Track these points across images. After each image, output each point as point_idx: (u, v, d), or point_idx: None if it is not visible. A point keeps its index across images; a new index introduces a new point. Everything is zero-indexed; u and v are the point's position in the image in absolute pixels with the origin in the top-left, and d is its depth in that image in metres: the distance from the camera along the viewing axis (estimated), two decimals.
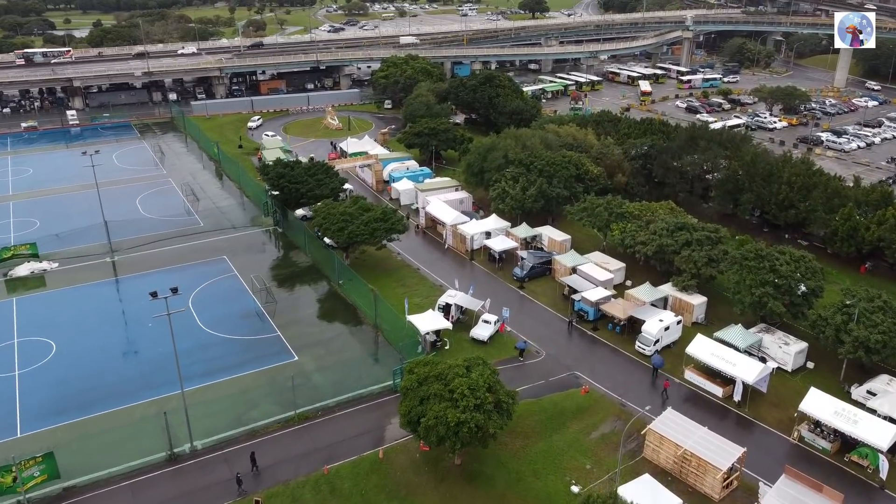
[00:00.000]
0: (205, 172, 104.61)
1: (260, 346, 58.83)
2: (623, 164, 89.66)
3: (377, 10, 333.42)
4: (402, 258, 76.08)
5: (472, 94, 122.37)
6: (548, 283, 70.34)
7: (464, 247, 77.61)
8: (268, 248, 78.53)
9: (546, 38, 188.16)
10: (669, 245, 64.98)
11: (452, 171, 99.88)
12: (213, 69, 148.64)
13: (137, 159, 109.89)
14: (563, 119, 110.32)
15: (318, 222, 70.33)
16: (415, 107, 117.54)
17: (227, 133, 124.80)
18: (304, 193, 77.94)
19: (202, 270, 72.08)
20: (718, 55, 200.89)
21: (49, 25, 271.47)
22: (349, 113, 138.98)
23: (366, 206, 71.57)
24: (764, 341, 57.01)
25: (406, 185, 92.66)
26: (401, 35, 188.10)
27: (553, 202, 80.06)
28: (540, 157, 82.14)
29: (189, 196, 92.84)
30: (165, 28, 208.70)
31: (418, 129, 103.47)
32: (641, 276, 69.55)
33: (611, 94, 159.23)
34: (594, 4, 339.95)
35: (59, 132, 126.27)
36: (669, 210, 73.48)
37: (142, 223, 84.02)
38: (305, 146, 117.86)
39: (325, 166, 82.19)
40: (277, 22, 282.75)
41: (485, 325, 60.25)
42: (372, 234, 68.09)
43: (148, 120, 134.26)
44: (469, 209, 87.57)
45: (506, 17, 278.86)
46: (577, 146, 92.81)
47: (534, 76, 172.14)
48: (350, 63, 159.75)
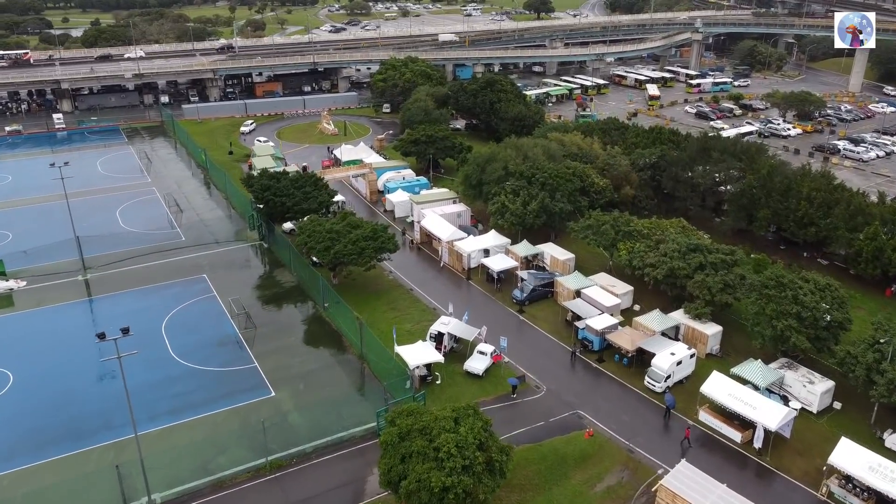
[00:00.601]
0: (192, 181, 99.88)
1: (235, 379, 53.94)
2: (631, 175, 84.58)
3: (380, 10, 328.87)
4: (394, 277, 71.20)
5: (473, 99, 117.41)
6: (549, 307, 65.35)
7: (460, 265, 72.70)
8: (251, 266, 73.69)
9: (551, 40, 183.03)
10: (681, 269, 59.90)
11: (451, 181, 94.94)
12: (207, 71, 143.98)
13: (122, 166, 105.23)
14: (568, 126, 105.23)
15: (302, 240, 65.44)
16: (412, 112, 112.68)
17: (219, 138, 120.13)
18: (291, 207, 73.07)
19: (179, 291, 67.28)
20: (728, 58, 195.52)
21: (46, 24, 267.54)
22: (346, 117, 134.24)
23: (354, 222, 66.67)
24: (786, 378, 51.94)
25: (401, 196, 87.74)
26: (440, 33, 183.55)
27: (556, 218, 75.08)
28: (542, 169, 77.16)
29: (172, 207, 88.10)
30: (161, 28, 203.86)
31: (415, 137, 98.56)
32: (650, 301, 64.56)
33: (617, 98, 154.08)
34: (600, 5, 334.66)
35: (45, 136, 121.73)
36: (681, 228, 68.36)
37: (120, 237, 79.20)
38: (299, 153, 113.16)
39: (313, 178, 77.29)
40: (278, 21, 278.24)
41: (480, 357, 55.27)
42: (360, 254, 63.17)
43: (137, 124, 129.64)
44: (467, 223, 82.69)
45: (510, 18, 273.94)
46: (582, 156, 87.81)
47: (538, 79, 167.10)
48: (348, 65, 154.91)
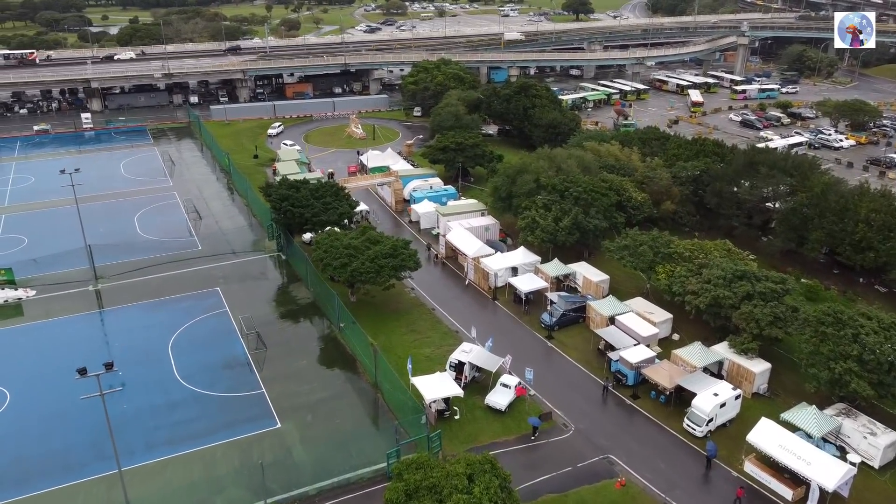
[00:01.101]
0: (214, 186, 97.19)
1: (240, 406, 50.47)
2: (672, 189, 79.42)
3: (416, 10, 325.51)
4: (415, 295, 67.24)
5: (506, 105, 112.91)
6: (581, 334, 60.71)
7: (486, 284, 68.45)
8: (267, 279, 70.34)
9: (589, 43, 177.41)
10: (726, 298, 54.78)
11: (480, 192, 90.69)
12: (237, 71, 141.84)
13: (145, 168, 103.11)
14: (605, 135, 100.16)
15: (318, 255, 61.80)
16: (442, 117, 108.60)
17: (245, 141, 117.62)
18: (309, 219, 69.58)
19: (191, 305, 64.19)
20: (775, 63, 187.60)
21: (85, 22, 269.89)
22: (376, 121, 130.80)
23: (374, 237, 62.84)
24: (844, 427, 46.65)
25: (427, 206, 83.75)
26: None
27: (590, 235, 70.36)
28: (576, 183, 72.48)
29: (191, 213, 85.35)
30: (195, 27, 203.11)
31: (444, 144, 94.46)
32: (691, 330, 59.56)
33: (657, 103, 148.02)
34: (641, 6, 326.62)
35: (72, 136, 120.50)
36: (726, 252, 63.10)
37: (135, 245, 76.51)
38: (325, 157, 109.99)
39: (333, 188, 73.69)
40: (314, 21, 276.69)
41: (503, 391, 50.95)
42: (378, 273, 59.28)
43: (164, 124, 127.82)
44: (496, 237, 78.40)
45: (548, 19, 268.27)
46: (620, 168, 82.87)
47: (575, 83, 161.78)
48: (380, 66, 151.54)
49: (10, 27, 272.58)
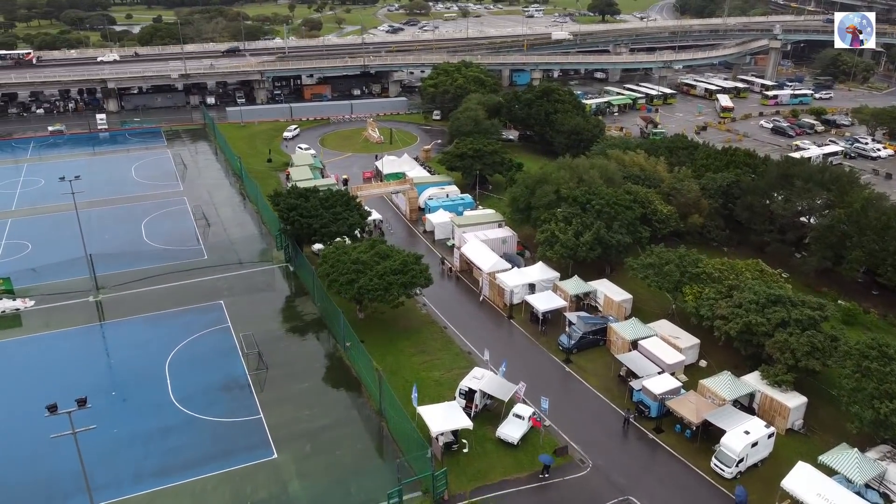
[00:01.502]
0: (225, 191, 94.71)
1: (236, 433, 47.57)
2: (700, 202, 75.36)
3: (440, 10, 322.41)
4: (427, 311, 64.04)
5: (527, 110, 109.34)
6: (601, 357, 57.06)
7: (502, 301, 65.02)
8: (273, 292, 67.50)
9: (615, 45, 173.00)
10: (759, 325, 50.83)
11: (498, 201, 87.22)
12: (254, 72, 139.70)
13: (157, 171, 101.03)
14: (630, 142, 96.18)
15: (324, 270, 58.78)
16: (461, 122, 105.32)
17: (259, 143, 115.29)
18: (318, 230, 66.64)
19: (192, 319, 61.54)
20: (808, 67, 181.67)
21: (109, 21, 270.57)
22: (394, 124, 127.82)
23: (384, 251, 59.67)
24: (889, 473, 42.57)
25: (442, 216, 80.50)
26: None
27: (612, 250, 66.63)
28: (599, 195, 68.76)
29: (200, 220, 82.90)
30: (216, 27, 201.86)
31: (461, 150, 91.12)
32: (720, 357, 55.66)
33: (685, 108, 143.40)
34: (669, 7, 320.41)
35: (86, 137, 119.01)
36: (758, 273, 59.02)
37: (139, 254, 74.15)
38: (341, 162, 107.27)
39: (344, 197, 70.70)
40: (336, 21, 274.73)
41: (516, 422, 47.51)
42: (386, 290, 56.11)
43: (179, 126, 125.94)
44: (513, 250, 74.97)
45: (573, 20, 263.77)
46: (645, 179, 78.97)
47: (599, 86, 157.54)
48: (399, 68, 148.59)
49: (36, 25, 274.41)
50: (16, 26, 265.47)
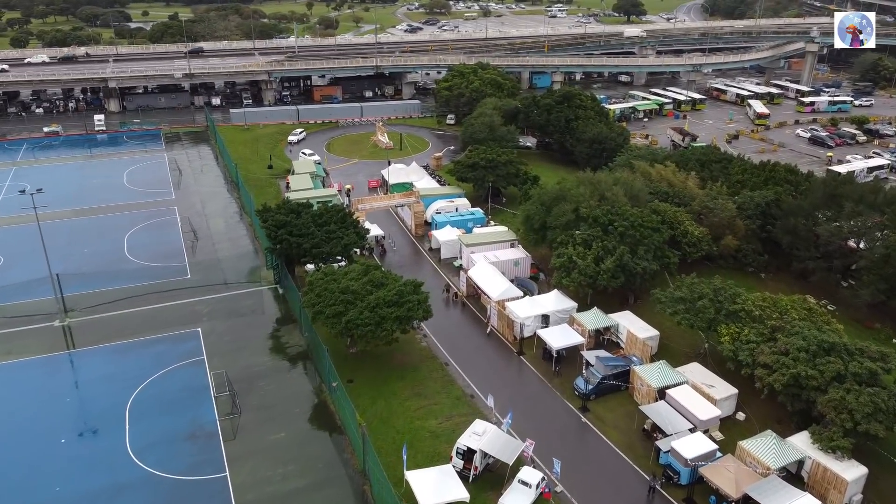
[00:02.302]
0: (221, 200, 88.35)
1: (195, 495, 41.03)
2: (735, 223, 67.82)
3: (460, 9, 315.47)
4: (427, 344, 57.21)
5: (546, 116, 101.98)
6: (622, 405, 49.86)
7: (511, 333, 57.98)
8: (257, 318, 60.84)
9: (641, 47, 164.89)
10: (810, 378, 43.34)
11: (512, 216, 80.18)
12: (261, 72, 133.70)
13: (150, 177, 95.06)
14: (657, 153, 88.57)
15: (310, 299, 52.09)
16: (475, 128, 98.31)
17: (262, 148, 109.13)
18: (308, 250, 60.00)
19: (164, 350, 55.18)
20: (846, 72, 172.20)
21: (125, 18, 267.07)
22: (405, 128, 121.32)
23: (378, 278, 52.83)
24: None
25: (449, 234, 73.58)
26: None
27: (637, 278, 59.32)
28: (623, 215, 61.46)
29: (189, 233, 76.70)
30: (228, 24, 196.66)
31: (473, 160, 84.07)
32: (762, 411, 48.26)
33: (714, 115, 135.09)
34: (697, 9, 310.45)
35: (83, 139, 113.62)
36: (806, 312, 51.39)
37: (117, 272, 67.95)
38: (346, 169, 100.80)
39: (340, 213, 64.01)
40: (353, 19, 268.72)
41: (522, 491, 40.38)
42: (379, 325, 49.31)
43: (180, 128, 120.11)
44: (526, 273, 67.94)
45: (597, 20, 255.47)
46: (674, 196, 71.52)
47: (623, 90, 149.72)
48: (413, 69, 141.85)
49: (52, 22, 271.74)
50: (31, 22, 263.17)
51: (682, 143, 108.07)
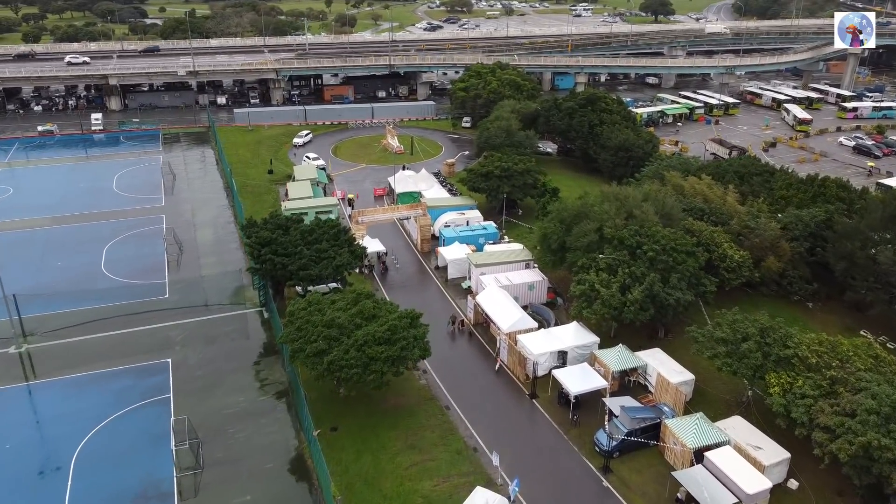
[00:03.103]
0: (213, 208, 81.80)
1: None
2: (780, 245, 59.95)
3: (482, 7, 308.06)
4: (426, 382, 50.16)
5: (568, 120, 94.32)
6: (652, 466, 42.34)
7: (523, 371, 50.67)
8: (237, 348, 53.98)
9: (670, 48, 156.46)
10: (884, 448, 35.54)
11: (528, 231, 72.84)
12: (269, 70, 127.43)
13: (141, 182, 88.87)
14: (691, 163, 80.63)
15: (288, 334, 45.09)
16: (491, 132, 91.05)
17: (265, 151, 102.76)
18: (295, 272, 53.10)
19: (127, 385, 48.61)
20: (888, 75, 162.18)
21: (141, 14, 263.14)
22: (418, 131, 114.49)
23: (368, 310, 45.71)
24: None
25: (456, 251, 66.38)
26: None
27: (669, 310, 51.70)
28: (653, 237, 53.83)
29: (172, 245, 70.22)
30: (240, 21, 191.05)
31: (487, 169, 76.76)
32: (819, 481, 40.45)
33: (748, 120, 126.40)
34: (727, 9, 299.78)
35: (77, 139, 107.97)
36: (872, 360, 43.41)
37: (90, 290, 61.57)
38: (352, 175, 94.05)
39: (334, 230, 57.03)
40: (372, 17, 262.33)
41: None
42: (366, 367, 42.23)
43: (180, 129, 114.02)
44: (542, 298, 60.62)
45: (623, 20, 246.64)
46: (711, 213, 63.68)
47: (651, 93, 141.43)
48: (429, 69, 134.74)
49: (69, 17, 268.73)
50: (47, 17, 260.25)
51: (726, 156, 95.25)
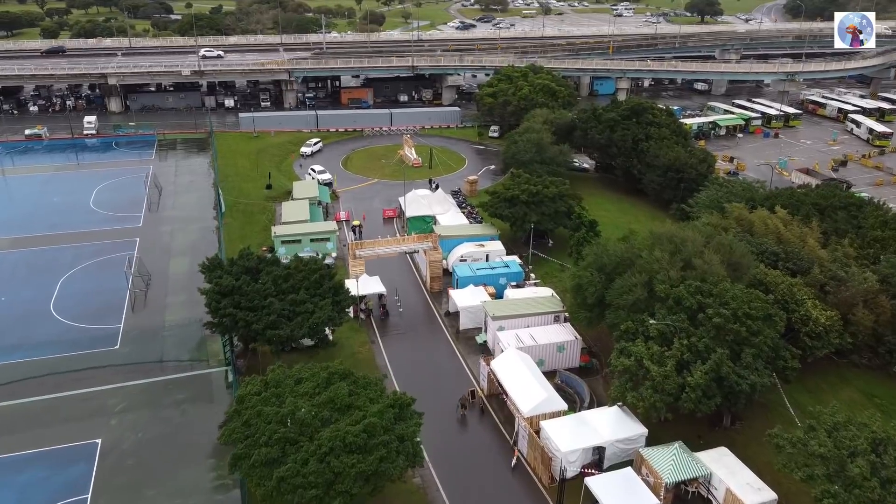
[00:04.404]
0: (195, 231, 70.83)
1: None
2: (879, 300, 47.36)
3: (518, 6, 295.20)
4: (421, 481, 38.82)
5: (609, 134, 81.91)
6: None
7: (548, 471, 38.96)
8: (188, 423, 43.06)
9: (722, 51, 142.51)
10: None
11: (559, 270, 60.99)
12: (281, 71, 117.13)
13: (122, 197, 78.70)
14: (756, 189, 67.91)
15: (233, 432, 33.90)
16: (519, 147, 79.23)
17: (266, 162, 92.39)
18: (261, 332, 42.03)
19: (35, 480, 38.03)
20: None
21: (166, 9, 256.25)
22: (440, 140, 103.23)
23: (342, 396, 34.27)
24: None
25: (471, 297, 54.69)
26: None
27: (741, 397, 39.48)
28: (720, 296, 41.62)
29: (137, 278, 59.76)
30: (260, 18, 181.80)
31: (512, 193, 64.93)
32: None
33: (811, 133, 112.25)
34: (778, 9, 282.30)
35: (67, 144, 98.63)
36: None
37: (22, 338, 51.31)
38: (362, 191, 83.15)
39: (316, 273, 45.80)
40: (403, 15, 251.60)
41: None
42: (330, 486, 30.85)
43: (179, 134, 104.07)
44: (574, 362, 48.86)
45: (668, 20, 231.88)
46: (787, 258, 51.05)
47: (700, 100, 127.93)
48: (455, 71, 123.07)
49: (94, 13, 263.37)
50: (71, 13, 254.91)
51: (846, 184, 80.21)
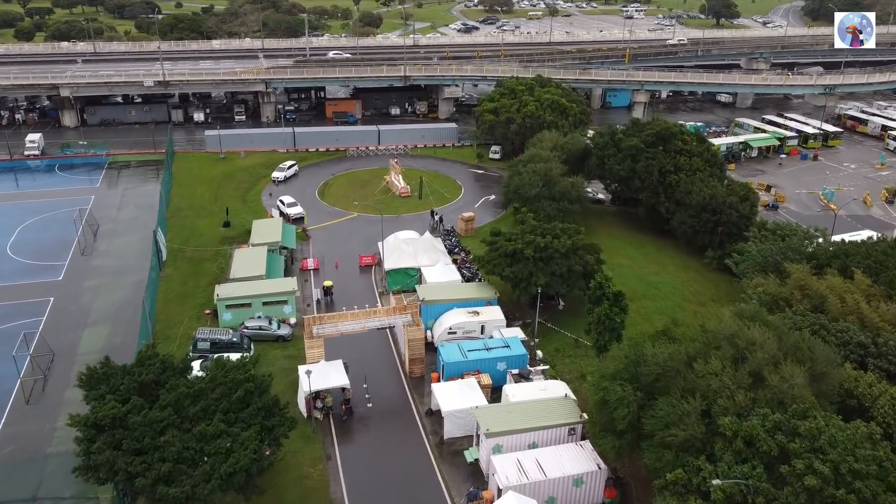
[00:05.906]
0: (125, 288, 57.21)
1: None
2: None
3: (524, 7, 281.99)
4: None
5: (630, 163, 68.70)
6: None
7: None
8: None
9: (749, 59, 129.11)
10: None
11: (573, 346, 47.94)
12: (256, 81, 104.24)
13: (49, 238, 65.71)
14: (810, 234, 54.86)
15: None
16: (524, 179, 66.21)
17: (231, 190, 79.67)
18: (149, 486, 29.05)
19: None
20: None
21: (151, 9, 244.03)
22: (435, 163, 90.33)
23: None
24: None
25: (459, 395, 41.47)
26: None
27: None
28: (813, 437, 28.56)
29: (41, 356, 46.84)
30: (245, 20, 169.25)
31: (514, 247, 51.79)
32: None
33: (855, 155, 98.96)
34: (795, 12, 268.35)
35: (3, 167, 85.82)
36: None
37: None
38: (338, 228, 70.42)
39: (241, 387, 32.74)
40: (402, 17, 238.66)
41: None
42: None
43: (133, 155, 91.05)
44: (597, 497, 35.94)
45: (681, 23, 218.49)
46: (878, 352, 37.90)
47: (723, 113, 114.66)
48: (452, 82, 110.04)
49: (80, 12, 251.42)
50: (54, 13, 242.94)
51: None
